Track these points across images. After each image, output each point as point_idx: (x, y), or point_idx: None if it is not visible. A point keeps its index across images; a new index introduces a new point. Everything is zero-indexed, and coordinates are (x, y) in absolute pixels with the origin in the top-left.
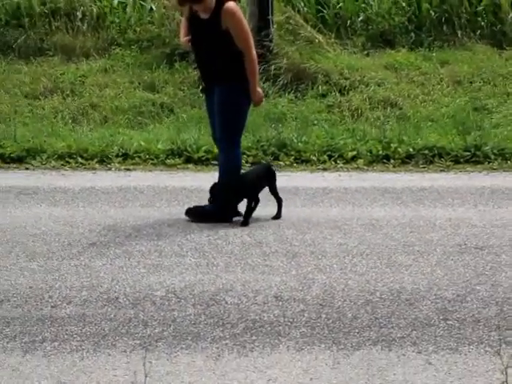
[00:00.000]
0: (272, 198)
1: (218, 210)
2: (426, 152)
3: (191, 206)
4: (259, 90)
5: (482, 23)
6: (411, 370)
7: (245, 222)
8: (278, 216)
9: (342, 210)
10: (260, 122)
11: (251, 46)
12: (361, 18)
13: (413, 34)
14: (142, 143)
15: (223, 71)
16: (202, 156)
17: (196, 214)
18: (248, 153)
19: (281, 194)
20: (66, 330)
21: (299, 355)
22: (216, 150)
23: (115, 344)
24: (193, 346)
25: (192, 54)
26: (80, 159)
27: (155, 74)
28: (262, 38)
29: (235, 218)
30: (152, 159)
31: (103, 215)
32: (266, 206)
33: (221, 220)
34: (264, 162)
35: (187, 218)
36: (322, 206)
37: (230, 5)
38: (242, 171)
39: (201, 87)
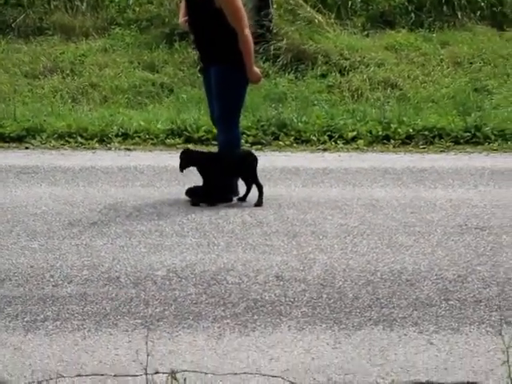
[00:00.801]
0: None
1: (218, 189)
2: (426, 133)
3: (191, 186)
4: (256, 69)
5: (482, 4)
6: (412, 349)
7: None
8: (259, 203)
9: (343, 191)
10: (260, 102)
11: (244, 26)
12: None
13: (413, 15)
14: (142, 123)
15: (219, 51)
16: (202, 136)
17: (196, 194)
18: (248, 133)
19: (281, 174)
20: (68, 309)
21: (300, 335)
22: (215, 131)
23: (117, 323)
24: (194, 325)
25: (191, 35)
26: (80, 139)
27: (155, 54)
28: (262, 17)
29: (235, 198)
30: (152, 139)
31: (103, 195)
32: (265, 186)
33: (221, 199)
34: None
35: (187, 197)
36: (323, 187)
37: None
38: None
39: (199, 67)
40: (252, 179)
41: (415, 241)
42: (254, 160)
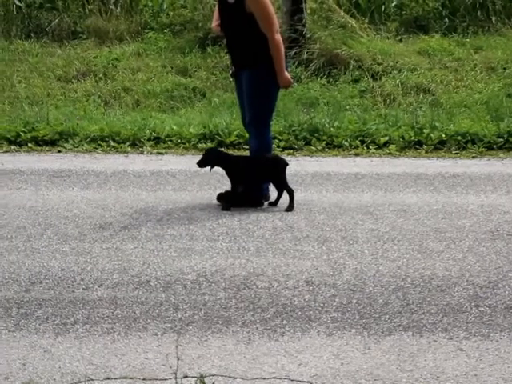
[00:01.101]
0: (301, 184)
1: (248, 194)
2: (459, 138)
3: (223, 191)
4: (286, 74)
5: None
6: (442, 356)
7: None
8: (289, 208)
9: (374, 196)
10: (292, 107)
11: (275, 31)
12: (394, 3)
13: (446, 20)
14: (174, 127)
15: (251, 55)
16: (234, 140)
17: (228, 199)
18: (280, 137)
19: (312, 179)
20: (98, 312)
21: (330, 340)
22: (247, 135)
23: (146, 327)
24: (224, 329)
25: (224, 39)
26: (112, 142)
27: (187, 58)
28: (295, 22)
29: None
30: (184, 143)
31: (135, 198)
32: (296, 191)
33: (252, 204)
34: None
35: (218, 202)
36: (354, 192)
37: None
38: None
39: (231, 71)
40: (282, 184)
41: (446, 247)
42: (284, 165)
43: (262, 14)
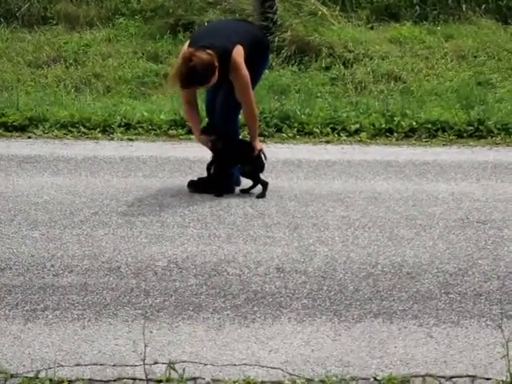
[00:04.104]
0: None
1: (220, 181)
2: (429, 126)
3: (194, 179)
4: (258, 141)
5: None
6: (412, 342)
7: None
8: (261, 195)
9: (345, 183)
10: (263, 94)
11: (251, 100)
12: None
13: (417, 8)
14: (145, 113)
15: None
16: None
17: (198, 186)
18: None
19: (283, 166)
20: (68, 298)
21: (300, 327)
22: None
23: (117, 313)
24: (194, 316)
25: (196, 26)
26: (83, 128)
27: (159, 45)
28: (266, 9)
29: (237, 189)
30: (155, 130)
31: (105, 185)
32: (267, 177)
33: (223, 190)
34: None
35: (189, 189)
36: (325, 179)
37: (236, 57)
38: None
39: None
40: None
41: (416, 234)
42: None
43: (241, 83)
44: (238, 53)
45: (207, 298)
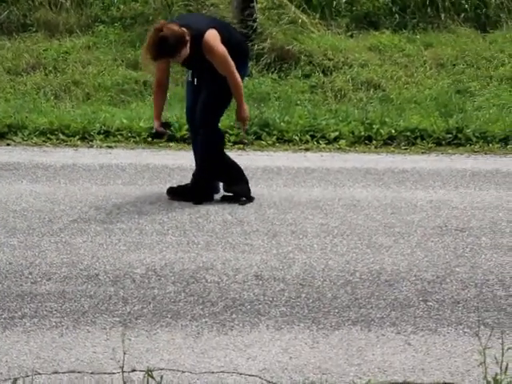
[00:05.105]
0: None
1: (199, 189)
2: (408, 134)
3: (173, 186)
4: (246, 107)
5: (466, 6)
6: (390, 350)
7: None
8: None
9: (324, 190)
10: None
11: (233, 71)
12: None
13: (397, 16)
14: (125, 121)
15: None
16: (184, 134)
17: (177, 193)
18: (230, 132)
19: (263, 174)
20: (46, 306)
21: (279, 334)
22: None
23: (95, 321)
24: (172, 323)
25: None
26: (62, 136)
27: (138, 52)
28: (246, 17)
29: (216, 196)
30: (134, 137)
31: (84, 192)
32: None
33: (202, 198)
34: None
35: (168, 196)
36: (304, 186)
37: (209, 38)
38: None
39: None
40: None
41: (395, 241)
42: None
43: (219, 59)
44: (212, 34)
45: (186, 306)
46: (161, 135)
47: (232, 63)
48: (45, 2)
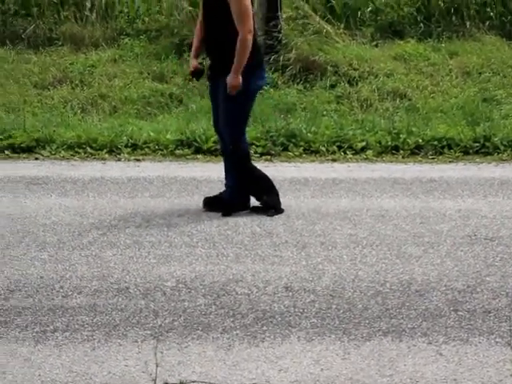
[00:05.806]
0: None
1: (236, 198)
2: (435, 143)
3: (210, 196)
4: (239, 77)
5: (491, 14)
6: (421, 360)
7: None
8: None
9: (352, 201)
10: (269, 113)
11: (247, 29)
12: (370, 9)
13: (422, 25)
14: (152, 134)
15: (228, 62)
16: (211, 146)
17: (214, 204)
18: (257, 143)
19: (290, 185)
20: (77, 319)
21: (310, 346)
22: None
23: (126, 334)
24: (203, 336)
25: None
26: (89, 149)
27: (164, 65)
28: (271, 28)
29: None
30: (161, 150)
31: (113, 205)
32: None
33: (241, 207)
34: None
35: (205, 208)
36: (332, 197)
37: None
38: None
39: (208, 74)
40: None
41: (424, 251)
42: None
43: (238, 7)
44: None
45: (216, 318)
46: (198, 73)
47: (250, 22)
48: (70, 15)
